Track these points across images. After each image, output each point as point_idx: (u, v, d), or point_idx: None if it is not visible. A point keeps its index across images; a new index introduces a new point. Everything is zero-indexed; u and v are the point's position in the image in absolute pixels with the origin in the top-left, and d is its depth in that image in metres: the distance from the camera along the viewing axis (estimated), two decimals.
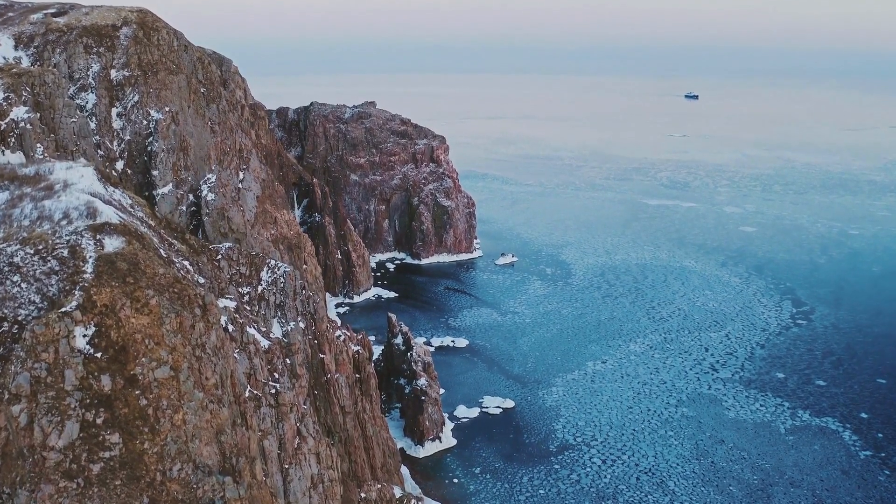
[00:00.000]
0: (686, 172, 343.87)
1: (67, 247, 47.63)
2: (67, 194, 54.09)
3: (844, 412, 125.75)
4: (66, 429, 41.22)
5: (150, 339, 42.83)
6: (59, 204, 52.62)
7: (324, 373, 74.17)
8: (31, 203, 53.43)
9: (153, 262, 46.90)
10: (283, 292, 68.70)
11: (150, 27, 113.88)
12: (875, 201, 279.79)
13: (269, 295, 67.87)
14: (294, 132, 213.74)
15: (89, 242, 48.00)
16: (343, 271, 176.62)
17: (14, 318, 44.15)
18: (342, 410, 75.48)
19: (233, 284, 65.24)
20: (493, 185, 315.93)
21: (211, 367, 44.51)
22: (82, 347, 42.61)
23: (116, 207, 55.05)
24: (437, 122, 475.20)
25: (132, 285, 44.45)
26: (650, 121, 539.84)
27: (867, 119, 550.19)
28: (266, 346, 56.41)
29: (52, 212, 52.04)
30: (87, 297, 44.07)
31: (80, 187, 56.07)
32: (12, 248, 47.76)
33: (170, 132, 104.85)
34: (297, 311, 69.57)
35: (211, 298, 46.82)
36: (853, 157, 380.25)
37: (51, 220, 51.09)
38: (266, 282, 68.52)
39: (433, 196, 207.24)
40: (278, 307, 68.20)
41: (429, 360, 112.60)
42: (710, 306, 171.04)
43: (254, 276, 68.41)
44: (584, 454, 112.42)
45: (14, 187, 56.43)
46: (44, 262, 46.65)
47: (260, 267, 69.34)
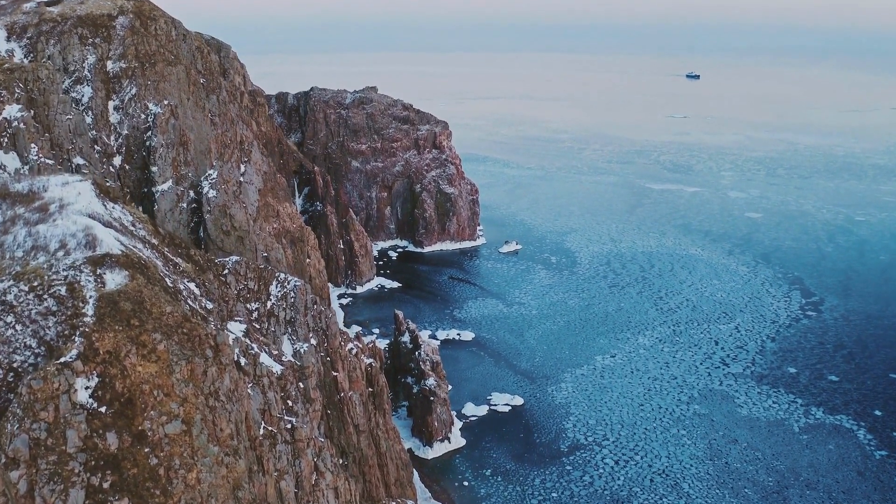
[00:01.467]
0: (689, 155, 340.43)
1: (65, 283, 44.21)
2: (64, 217, 50.46)
3: (858, 409, 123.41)
4: (71, 497, 37.56)
5: (158, 389, 39.55)
6: (55, 230, 48.98)
7: (337, 391, 71.42)
8: (24, 228, 49.72)
9: (159, 299, 43.59)
10: (293, 307, 65.79)
11: (148, 16, 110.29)
12: (880, 186, 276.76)
13: (278, 311, 64.98)
14: (294, 118, 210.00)
15: (89, 279, 44.54)
16: (345, 261, 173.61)
17: (9, 364, 40.60)
18: (356, 430, 72.85)
19: (241, 301, 62.33)
20: (494, 168, 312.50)
21: (226, 416, 41.44)
22: (85, 402, 38.99)
23: (117, 229, 51.62)
24: (433, 102, 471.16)
25: (137, 328, 41.21)
26: (651, 101, 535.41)
27: (868, 100, 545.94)
28: (279, 371, 53.57)
29: (47, 240, 48.36)
30: (89, 343, 40.64)
31: (78, 208, 52.40)
32: (5, 283, 44.27)
33: (169, 126, 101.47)
34: (309, 327, 66.75)
35: (223, 337, 43.73)
36: (856, 139, 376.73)
37: (46, 251, 47.45)
38: (275, 297, 65.62)
39: (436, 183, 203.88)
40: (288, 323, 65.33)
41: (437, 358, 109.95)
42: (719, 297, 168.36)
43: (262, 291, 65.46)
44: (595, 454, 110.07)
45: (6, 206, 52.68)
46: (40, 301, 43.22)
47: (269, 281, 66.33)
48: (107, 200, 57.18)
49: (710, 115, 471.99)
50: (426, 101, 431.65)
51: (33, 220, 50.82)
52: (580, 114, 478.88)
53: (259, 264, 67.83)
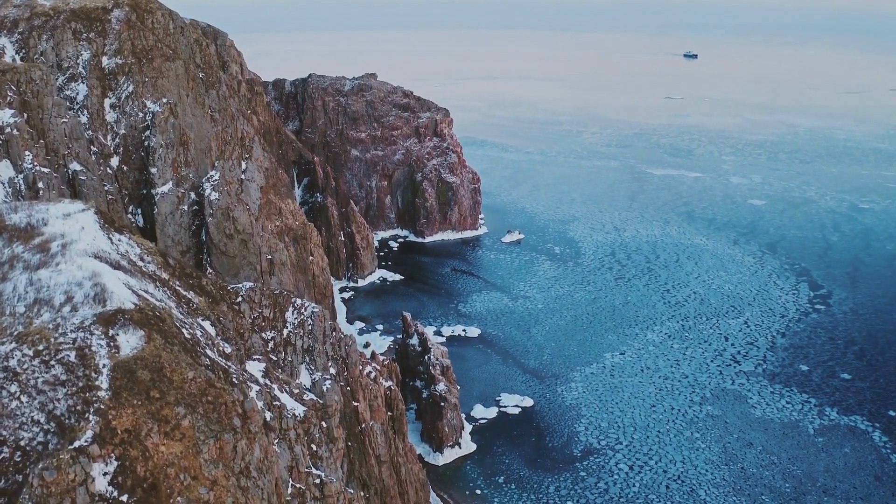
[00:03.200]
0: (688, 139, 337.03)
1: (74, 348, 40.25)
2: (67, 260, 46.46)
3: (872, 409, 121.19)
4: None
5: (185, 472, 35.85)
6: (59, 277, 44.99)
7: (358, 422, 68.39)
8: (25, 274, 45.54)
9: (180, 364, 40.05)
10: (311, 335, 62.64)
11: (144, 9, 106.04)
12: (882, 172, 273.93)
13: (295, 339, 61.82)
14: (291, 105, 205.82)
15: (101, 342, 40.67)
16: (347, 254, 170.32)
17: (15, 441, 36.32)
18: (378, 461, 69.97)
19: (255, 330, 59.13)
20: (492, 153, 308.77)
21: (258, 495, 38.21)
22: (104, 491, 34.88)
23: (126, 269, 47.96)
24: (426, 83, 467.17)
25: (158, 401, 37.57)
26: (648, 82, 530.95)
27: (864, 81, 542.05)
28: (302, 414, 50.48)
29: (51, 291, 44.18)
30: (105, 422, 36.63)
31: (82, 247, 48.45)
32: (6, 346, 40.16)
33: (168, 126, 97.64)
34: (328, 356, 63.59)
35: (251, 403, 40.40)
36: (855, 122, 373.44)
37: (51, 306, 43.31)
38: (292, 324, 62.44)
39: (437, 172, 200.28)
40: (306, 352, 62.21)
41: (447, 362, 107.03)
42: (726, 289, 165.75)
43: (278, 319, 62.24)
44: (609, 459, 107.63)
45: (3, 243, 48.63)
46: (47, 369, 39.22)
47: (284, 307, 63.11)
48: (112, 232, 53.52)
49: (707, 96, 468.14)
50: (418, 82, 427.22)
51: (34, 262, 46.62)
52: (577, 95, 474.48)
53: (273, 289, 64.54)
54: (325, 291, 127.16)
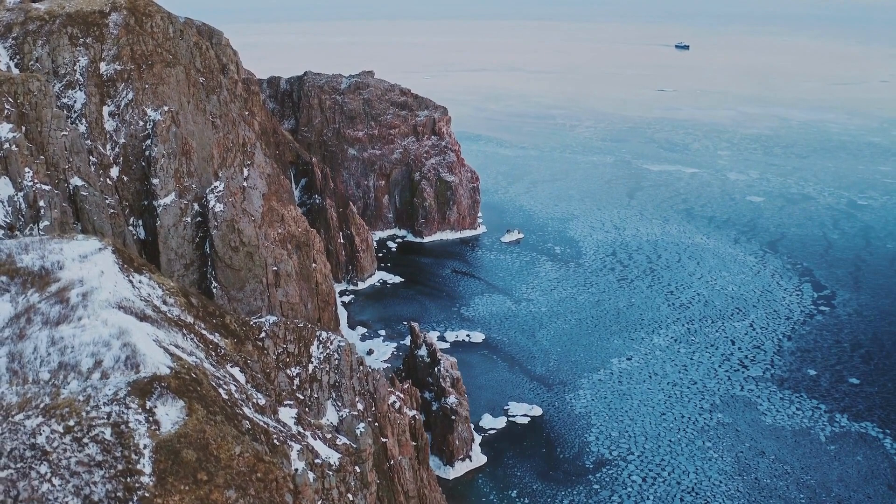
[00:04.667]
0: (683, 133, 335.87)
1: (110, 424, 37.02)
2: (90, 314, 43.24)
3: (882, 415, 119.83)
4: None
5: None
6: (84, 335, 41.76)
7: (386, 459, 66.17)
8: (45, 331, 42.09)
9: (225, 437, 37.30)
10: (337, 370, 60.32)
11: (143, 12, 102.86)
12: (879, 167, 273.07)
13: (321, 374, 59.48)
14: (287, 104, 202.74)
15: (139, 418, 37.45)
16: (346, 256, 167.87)
17: None
18: (406, 497, 67.80)
19: (280, 367, 56.76)
20: (487, 148, 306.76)
21: None
22: None
23: (152, 320, 45.16)
24: (416, 76, 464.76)
25: (207, 484, 34.83)
26: (640, 74, 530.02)
27: (855, 72, 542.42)
28: (337, 462, 48.18)
29: (77, 354, 40.67)
30: None
31: (104, 297, 45.26)
32: (33, 421, 36.70)
33: (170, 135, 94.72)
34: (355, 391, 61.32)
35: (303, 476, 38.10)
36: (848, 115, 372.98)
37: (78, 372, 39.94)
38: (317, 359, 60.12)
39: (436, 171, 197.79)
40: (333, 388, 59.89)
41: (457, 374, 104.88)
42: (730, 290, 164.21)
43: (303, 354, 59.90)
44: (622, 471, 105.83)
45: (16, 290, 45.07)
46: (80, 448, 35.84)
47: (309, 341, 60.77)
48: (131, 273, 50.77)
49: (699, 88, 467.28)
50: (407, 75, 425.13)
51: (53, 316, 43.42)
52: (569, 87, 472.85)
53: (297, 322, 62.15)
54: (329, 299, 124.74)
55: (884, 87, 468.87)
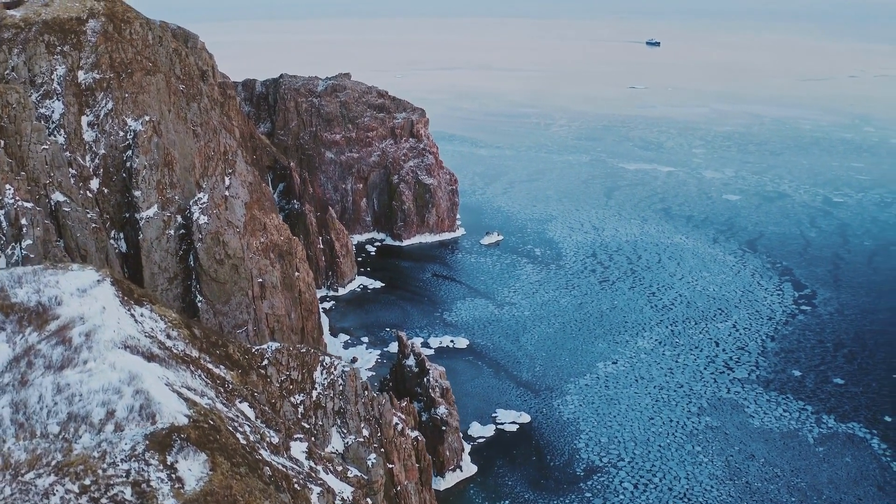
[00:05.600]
0: (657, 131, 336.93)
1: (129, 483, 34.60)
2: (96, 357, 40.78)
3: (868, 415, 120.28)
4: None
5: None
6: (92, 381, 39.21)
7: (393, 485, 64.77)
8: (49, 377, 39.37)
9: (252, 490, 35.39)
10: (342, 396, 58.82)
11: (121, 19, 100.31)
12: (852, 163, 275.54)
13: (325, 401, 57.97)
14: (263, 107, 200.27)
15: (160, 475, 35.17)
16: (326, 262, 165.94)
17: None
18: None
19: (284, 395, 55.13)
20: (462, 148, 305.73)
21: None
22: None
23: (160, 358, 43.12)
24: (388, 75, 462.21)
25: None
26: (612, 71, 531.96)
27: (824, 67, 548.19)
28: (350, 496, 46.76)
29: (86, 403, 37.93)
30: None
31: (109, 336, 42.93)
32: (45, 480, 34.13)
33: (152, 146, 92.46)
34: (360, 417, 59.86)
35: None
36: (820, 111, 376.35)
37: (89, 424, 37.33)
38: (321, 385, 58.55)
39: (414, 173, 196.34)
40: (338, 414, 58.40)
41: (446, 384, 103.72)
42: (711, 291, 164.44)
43: (307, 380, 58.32)
44: (613, 478, 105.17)
45: (12, 329, 42.26)
46: None
47: (312, 367, 59.20)
48: (132, 306, 48.81)
49: (671, 85, 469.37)
50: (377, 74, 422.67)
51: (56, 359, 40.89)
52: (542, 85, 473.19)
53: (300, 348, 60.50)
54: (312, 308, 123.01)
55: (853, 82, 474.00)
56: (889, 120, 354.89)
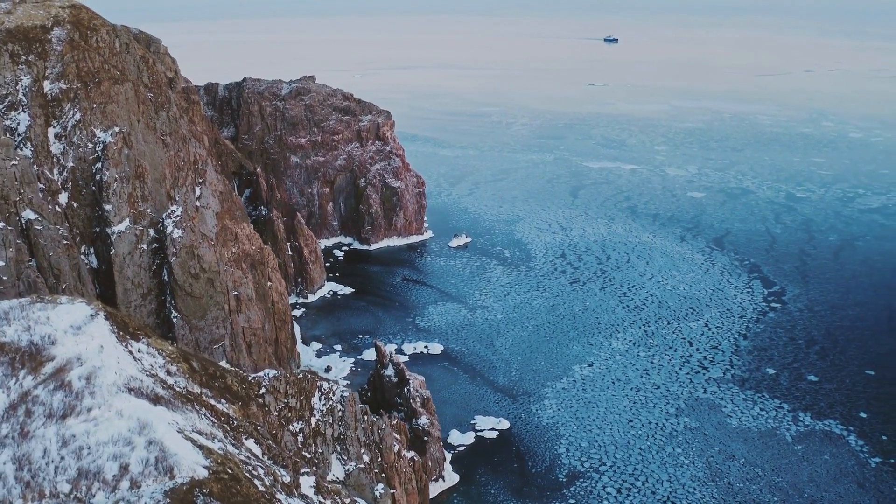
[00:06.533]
0: (619, 128, 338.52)
1: None
2: (101, 404, 37.99)
3: (844, 412, 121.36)
4: None
5: None
6: (100, 432, 36.50)
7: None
8: (52, 428, 36.47)
9: None
10: (341, 422, 57.18)
11: (87, 26, 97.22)
12: (813, 158, 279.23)
13: (325, 427, 56.28)
14: (226, 111, 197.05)
15: None
16: (295, 269, 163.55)
17: None
18: None
19: (283, 423, 53.38)
20: (425, 148, 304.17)
21: None
22: None
23: (165, 400, 40.89)
24: (346, 74, 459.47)
25: None
26: (570, 68, 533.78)
27: (780, 63, 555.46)
28: None
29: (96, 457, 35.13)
30: None
31: (111, 380, 40.30)
32: None
33: (122, 157, 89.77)
34: (360, 442, 58.26)
35: None
36: (778, 107, 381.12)
37: (103, 482, 34.64)
38: (320, 411, 56.85)
39: (381, 177, 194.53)
40: (337, 440, 56.76)
41: (427, 394, 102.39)
42: (682, 290, 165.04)
43: (305, 408, 56.55)
44: (596, 483, 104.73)
45: (4, 372, 38.93)
46: None
47: (310, 393, 57.44)
48: (128, 341, 46.60)
49: (630, 82, 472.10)
50: (336, 74, 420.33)
51: (57, 408, 38.07)
52: (501, 84, 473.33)
53: (297, 374, 58.70)
54: (285, 318, 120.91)
55: (809, 77, 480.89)
56: (846, 114, 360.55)
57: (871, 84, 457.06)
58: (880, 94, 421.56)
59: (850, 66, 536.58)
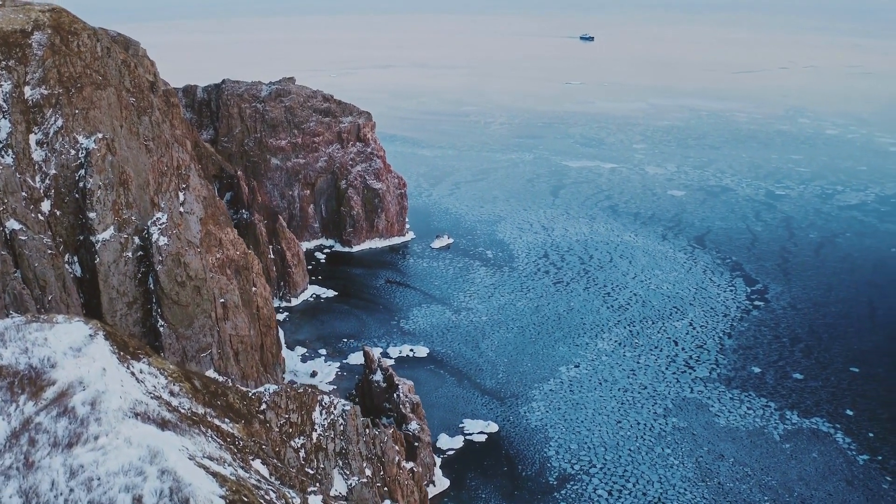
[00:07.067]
0: (597, 127, 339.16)
1: None
2: (108, 431, 36.18)
3: (830, 409, 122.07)
4: None
5: None
6: (109, 463, 34.46)
7: None
8: (57, 458, 34.68)
9: None
10: (343, 436, 56.36)
11: (68, 30, 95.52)
12: (791, 155, 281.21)
13: (326, 443, 55.42)
14: (205, 113, 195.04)
15: None
16: (277, 273, 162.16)
17: None
18: None
19: (285, 439, 52.44)
20: (404, 148, 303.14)
21: None
22: None
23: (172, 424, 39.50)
24: (322, 74, 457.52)
25: None
26: (547, 66, 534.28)
27: (755, 60, 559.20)
28: None
29: (107, 490, 33.18)
30: None
31: (116, 405, 38.69)
32: None
33: (106, 164, 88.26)
34: (362, 456, 57.48)
35: None
36: (755, 104, 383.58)
37: None
38: (321, 426, 55.97)
39: (362, 178, 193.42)
40: (339, 455, 55.91)
41: (416, 399, 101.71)
42: (665, 289, 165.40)
43: (306, 423, 55.64)
44: (587, 485, 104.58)
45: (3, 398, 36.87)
46: None
47: (311, 407, 56.52)
48: (130, 362, 45.31)
49: (606, 80, 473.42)
50: (312, 74, 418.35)
51: (62, 435, 36.37)
52: (478, 83, 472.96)
53: (297, 388, 57.70)
54: (270, 323, 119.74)
55: (784, 74, 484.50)
56: (822, 111, 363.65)
57: (846, 81, 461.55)
58: (855, 90, 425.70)
59: (823, 63, 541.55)
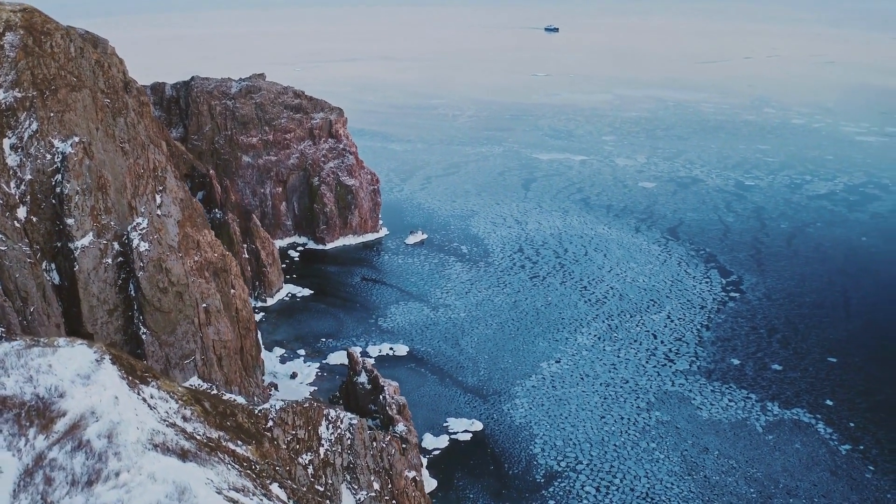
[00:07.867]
0: (565, 119, 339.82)
1: None
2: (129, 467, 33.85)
3: (810, 400, 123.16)
4: None
5: None
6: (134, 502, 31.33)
7: None
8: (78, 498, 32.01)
9: None
10: (350, 450, 55.22)
11: (41, 31, 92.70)
12: (758, 145, 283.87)
13: (334, 457, 54.24)
14: (174, 111, 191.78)
15: None
16: (252, 272, 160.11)
17: None
18: None
19: (292, 456, 51.17)
20: (373, 143, 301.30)
21: None
22: None
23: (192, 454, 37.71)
24: (285, 68, 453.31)
25: None
26: (513, 58, 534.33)
27: (718, 50, 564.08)
28: None
29: None
30: None
31: (134, 437, 36.53)
32: None
33: (83, 169, 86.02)
34: (370, 470, 56.42)
35: None
36: (720, 94, 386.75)
37: None
38: (328, 441, 54.76)
39: (335, 175, 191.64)
40: (347, 469, 54.77)
41: (402, 400, 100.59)
42: (641, 282, 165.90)
43: (313, 438, 54.38)
44: (574, 482, 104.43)
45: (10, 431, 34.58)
46: None
47: (317, 422, 55.23)
48: (140, 387, 43.60)
49: (572, 72, 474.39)
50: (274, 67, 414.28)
51: (80, 473, 34.00)
52: (445, 75, 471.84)
53: (303, 403, 56.28)
54: (249, 325, 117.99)
55: (748, 63, 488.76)
56: (788, 101, 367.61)
57: (809, 70, 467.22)
58: (819, 79, 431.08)
59: (786, 52, 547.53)
